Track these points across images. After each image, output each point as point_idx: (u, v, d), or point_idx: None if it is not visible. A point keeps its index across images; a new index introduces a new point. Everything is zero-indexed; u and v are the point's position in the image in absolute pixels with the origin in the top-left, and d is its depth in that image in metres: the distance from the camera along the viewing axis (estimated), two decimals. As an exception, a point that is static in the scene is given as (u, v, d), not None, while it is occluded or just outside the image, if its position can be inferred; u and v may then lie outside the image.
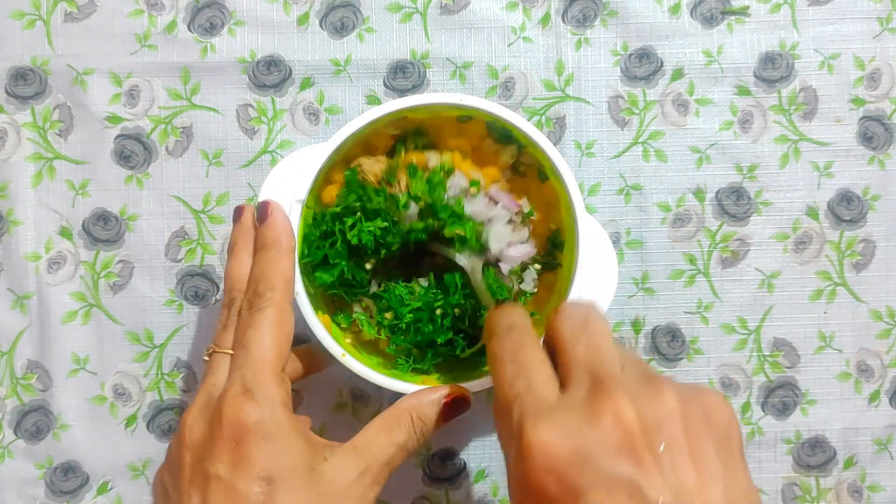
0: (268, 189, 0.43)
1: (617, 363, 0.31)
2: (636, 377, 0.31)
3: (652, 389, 0.30)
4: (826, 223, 0.52)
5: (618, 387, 0.29)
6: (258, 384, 0.35)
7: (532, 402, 0.31)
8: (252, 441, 0.34)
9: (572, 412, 0.29)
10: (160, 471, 0.38)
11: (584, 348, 0.32)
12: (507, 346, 0.34)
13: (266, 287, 0.38)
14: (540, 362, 0.33)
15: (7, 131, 0.52)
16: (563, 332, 0.33)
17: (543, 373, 0.32)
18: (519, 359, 0.33)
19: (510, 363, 0.33)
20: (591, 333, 0.32)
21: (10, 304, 0.52)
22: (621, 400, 0.29)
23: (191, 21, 0.52)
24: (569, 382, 0.31)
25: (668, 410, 0.29)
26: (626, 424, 0.28)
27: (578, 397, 0.30)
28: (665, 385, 0.30)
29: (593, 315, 0.33)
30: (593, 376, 0.30)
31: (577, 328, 0.33)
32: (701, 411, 0.30)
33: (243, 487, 0.33)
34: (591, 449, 0.28)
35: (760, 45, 0.52)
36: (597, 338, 0.32)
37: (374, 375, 0.42)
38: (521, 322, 0.35)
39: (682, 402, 0.29)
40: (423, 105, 0.43)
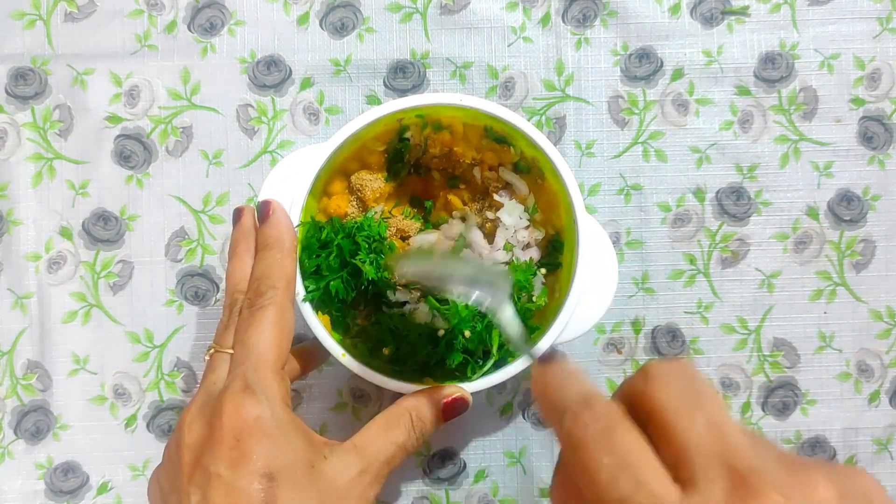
0: (268, 189, 0.43)
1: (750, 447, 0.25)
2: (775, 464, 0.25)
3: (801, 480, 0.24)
4: (826, 223, 0.52)
5: (767, 484, 0.24)
6: (259, 381, 0.35)
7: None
8: (253, 438, 0.34)
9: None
10: (156, 473, 0.37)
11: (703, 428, 0.25)
12: (592, 427, 0.26)
13: (268, 286, 0.38)
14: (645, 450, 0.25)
15: (7, 131, 0.52)
16: (666, 405, 0.26)
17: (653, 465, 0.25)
18: (616, 447, 0.25)
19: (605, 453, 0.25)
20: (708, 410, 0.26)
21: (10, 304, 0.52)
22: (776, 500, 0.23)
23: (191, 21, 0.52)
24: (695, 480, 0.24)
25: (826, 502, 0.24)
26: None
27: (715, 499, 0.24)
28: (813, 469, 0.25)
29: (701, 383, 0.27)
30: (730, 469, 0.24)
31: (683, 400, 0.26)
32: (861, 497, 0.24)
33: (245, 485, 0.33)
34: None
35: (760, 45, 0.52)
36: (716, 415, 0.25)
37: (374, 375, 0.42)
38: (597, 392, 0.28)
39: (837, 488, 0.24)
40: (423, 105, 0.43)
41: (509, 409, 0.52)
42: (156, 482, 0.37)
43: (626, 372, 0.52)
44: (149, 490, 0.37)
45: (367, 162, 0.46)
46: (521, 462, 0.52)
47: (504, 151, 0.46)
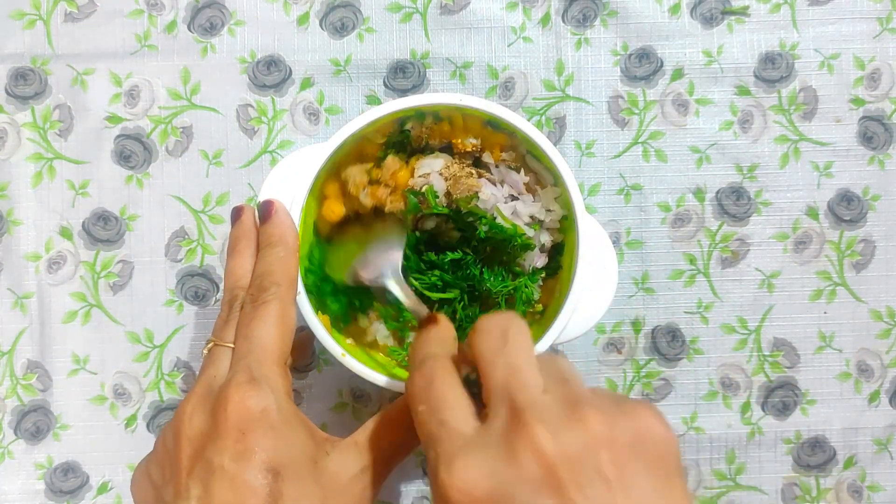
0: (268, 189, 0.43)
1: (537, 386, 0.29)
2: (558, 402, 0.28)
3: (574, 416, 0.27)
4: (826, 223, 0.52)
5: (535, 417, 0.27)
6: (264, 373, 0.35)
7: (446, 439, 0.28)
8: (259, 431, 0.33)
9: (489, 448, 0.27)
10: (145, 465, 0.36)
11: (501, 371, 0.29)
12: (419, 381, 0.31)
13: (271, 282, 0.38)
14: (453, 393, 0.30)
15: (7, 131, 0.52)
16: (481, 351, 0.30)
17: (457, 405, 0.30)
18: (430, 394, 0.30)
19: (422, 402, 0.30)
20: (510, 352, 0.29)
21: (10, 304, 0.52)
22: (539, 432, 0.27)
23: (191, 21, 0.52)
24: (489, 411, 0.29)
25: (593, 438, 0.27)
26: (547, 460, 0.26)
27: (496, 430, 0.28)
28: (589, 409, 0.28)
29: (513, 329, 0.30)
30: (510, 405, 0.28)
31: (494, 347, 0.30)
32: (631, 434, 0.27)
33: (249, 478, 0.32)
34: (511, 487, 0.26)
35: (760, 45, 0.52)
36: (515, 357, 0.29)
37: (374, 375, 0.42)
38: (435, 351, 0.32)
39: (608, 425, 0.27)
40: (423, 105, 0.43)
41: (509, 409, 0.52)
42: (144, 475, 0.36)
43: (625, 372, 0.52)
44: (134, 482, 0.36)
45: (366, 153, 0.46)
46: (521, 462, 0.52)
47: (507, 139, 0.45)
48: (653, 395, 0.52)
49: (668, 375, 0.52)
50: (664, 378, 0.52)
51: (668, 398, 0.52)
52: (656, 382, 0.52)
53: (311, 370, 0.52)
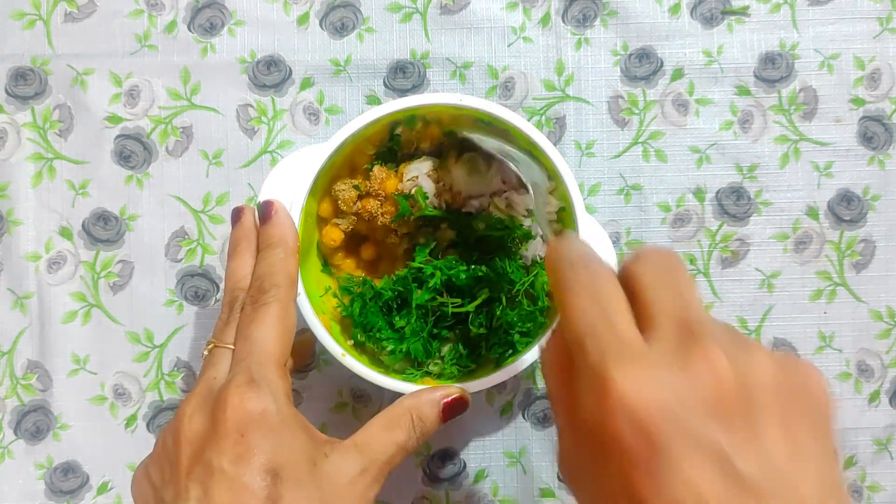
0: (268, 189, 0.43)
1: (706, 314, 0.28)
2: (728, 333, 0.28)
3: (745, 347, 0.27)
4: (826, 223, 0.52)
5: (712, 338, 0.26)
6: (264, 375, 0.35)
7: (616, 342, 0.27)
8: (258, 433, 0.33)
9: (663, 360, 0.26)
10: (144, 466, 0.36)
11: (670, 295, 0.28)
12: (583, 277, 0.30)
13: (271, 284, 0.38)
14: (622, 300, 0.29)
15: (7, 131, 0.52)
16: (646, 276, 0.29)
17: (626, 312, 0.29)
18: (599, 291, 0.29)
19: (588, 294, 0.29)
20: (678, 281, 0.29)
21: (10, 304, 0.52)
22: (716, 352, 0.26)
23: (191, 21, 0.52)
24: (654, 331, 0.28)
25: (763, 371, 0.26)
26: (721, 377, 0.25)
27: (669, 346, 0.27)
28: (756, 346, 0.27)
29: (678, 264, 0.30)
30: (683, 325, 0.27)
31: (661, 273, 0.29)
32: (798, 381, 0.27)
33: (248, 481, 0.32)
34: (681, 403, 0.25)
35: (760, 45, 0.52)
36: (683, 287, 0.29)
37: (374, 375, 0.42)
38: (597, 257, 0.31)
39: (778, 367, 0.27)
40: (423, 105, 0.43)
41: (509, 409, 0.52)
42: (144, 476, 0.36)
43: (626, 372, 0.52)
44: (134, 483, 0.36)
45: (357, 165, 0.46)
46: (521, 462, 0.52)
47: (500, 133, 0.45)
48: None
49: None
50: (664, 378, 0.52)
51: (668, 398, 0.52)
52: (656, 382, 0.52)
53: (311, 370, 0.52)
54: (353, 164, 0.46)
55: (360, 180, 0.45)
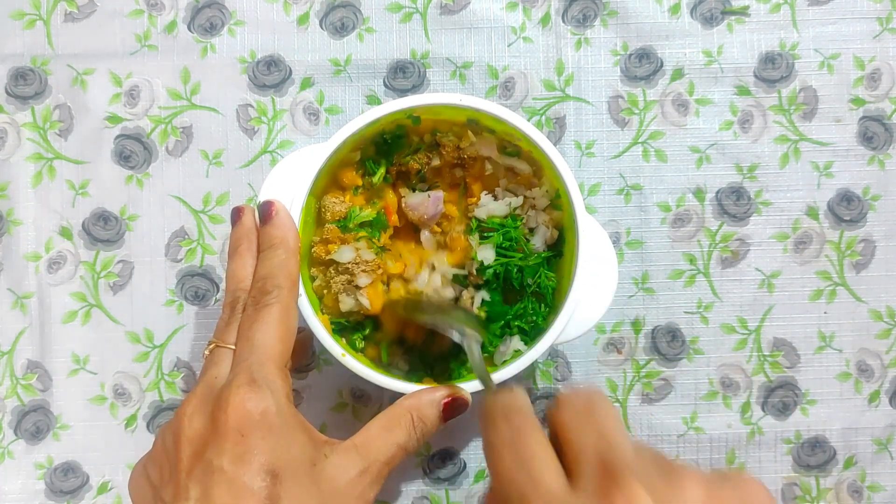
0: (268, 189, 0.43)
1: (629, 450, 0.28)
2: (652, 466, 0.27)
3: (671, 477, 0.27)
4: (826, 223, 0.52)
5: (632, 476, 0.26)
6: (265, 376, 0.35)
7: (537, 496, 0.28)
8: (258, 433, 0.33)
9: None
10: (143, 464, 0.36)
11: (591, 436, 0.29)
12: (506, 433, 0.30)
13: (273, 285, 0.38)
14: (543, 451, 0.29)
15: (7, 131, 0.52)
16: (567, 420, 0.30)
17: (548, 463, 0.29)
18: (520, 448, 0.30)
19: (509, 453, 0.30)
20: (599, 419, 0.29)
21: (10, 304, 0.52)
22: (636, 490, 0.26)
23: (191, 21, 0.52)
24: (577, 474, 0.28)
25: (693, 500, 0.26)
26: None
27: (588, 489, 0.27)
28: (687, 474, 0.27)
29: (598, 400, 0.30)
30: (603, 465, 0.27)
31: (581, 415, 0.30)
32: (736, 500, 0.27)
33: (248, 481, 0.32)
34: None
35: (760, 45, 0.52)
36: (605, 424, 0.29)
37: (374, 375, 0.42)
38: (522, 406, 0.32)
39: (708, 491, 0.26)
40: (422, 105, 0.43)
41: (509, 409, 0.52)
42: (142, 475, 0.36)
43: (626, 372, 0.52)
44: (132, 481, 0.36)
45: (341, 182, 0.46)
46: (521, 462, 0.52)
47: (487, 138, 0.45)
48: (653, 394, 0.52)
49: (668, 375, 0.52)
50: (664, 378, 0.52)
51: (667, 398, 0.52)
52: (656, 382, 0.52)
53: (311, 370, 0.52)
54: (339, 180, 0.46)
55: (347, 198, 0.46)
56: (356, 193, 0.46)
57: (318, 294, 0.45)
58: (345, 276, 0.44)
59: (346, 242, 0.44)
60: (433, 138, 0.46)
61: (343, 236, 0.44)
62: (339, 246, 0.44)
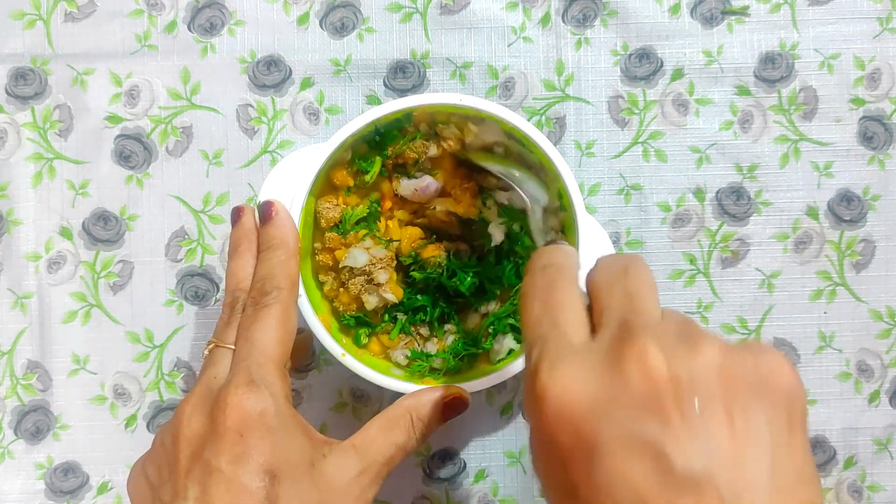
0: (268, 189, 0.43)
1: (654, 312, 0.28)
2: (675, 330, 0.27)
3: (690, 341, 0.26)
4: (826, 223, 0.52)
5: (647, 333, 0.26)
6: (263, 376, 0.35)
7: (553, 342, 0.27)
8: (256, 433, 0.33)
9: (594, 358, 0.26)
10: (141, 464, 0.36)
11: (618, 295, 0.28)
12: (539, 283, 0.31)
13: (272, 286, 0.38)
14: (571, 303, 0.29)
15: (7, 131, 0.52)
16: (599, 279, 0.30)
17: (573, 313, 0.29)
18: (549, 297, 0.30)
19: (538, 301, 0.30)
20: (630, 280, 0.29)
21: (10, 304, 0.52)
22: (649, 347, 0.25)
23: (191, 21, 0.52)
24: (598, 329, 0.28)
25: (707, 364, 0.25)
26: (653, 374, 0.25)
27: (604, 342, 0.27)
28: (706, 338, 0.26)
29: (635, 264, 0.30)
30: (622, 322, 0.27)
31: (613, 275, 0.29)
32: (752, 370, 0.25)
33: (246, 481, 0.32)
34: (611, 400, 0.25)
35: (760, 45, 0.52)
36: (634, 285, 0.29)
37: (374, 375, 0.42)
38: (560, 262, 0.32)
39: (726, 356, 0.25)
40: (422, 105, 0.43)
41: (509, 409, 0.52)
42: (141, 474, 0.36)
43: (626, 372, 0.52)
44: (131, 481, 0.36)
45: (334, 183, 0.45)
46: (521, 462, 0.52)
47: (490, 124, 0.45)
48: (653, 395, 0.52)
49: (668, 375, 0.52)
50: (664, 378, 0.52)
51: (668, 398, 0.52)
52: (656, 382, 0.52)
53: (311, 370, 0.52)
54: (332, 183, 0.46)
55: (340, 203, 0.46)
56: (348, 194, 0.45)
57: (331, 297, 0.45)
58: (362, 276, 0.44)
59: (349, 246, 0.44)
60: (430, 128, 0.46)
61: (345, 241, 0.44)
62: (347, 251, 0.44)
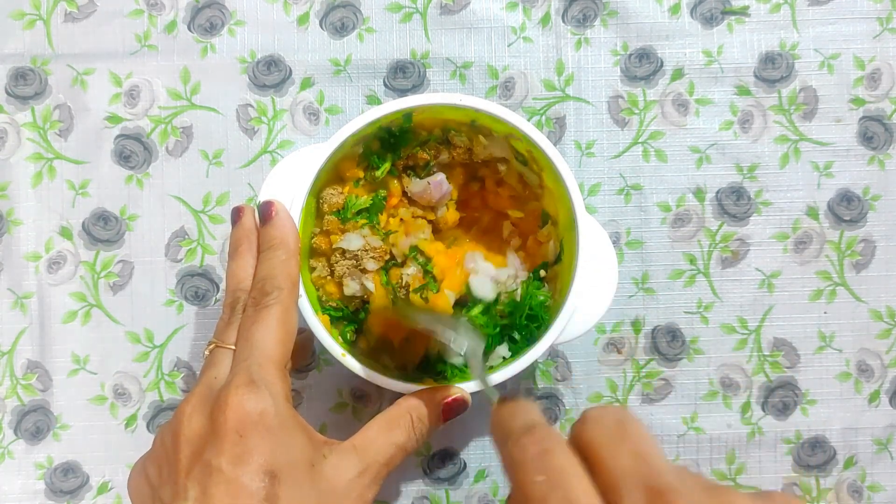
0: (268, 189, 0.43)
1: (673, 472, 0.26)
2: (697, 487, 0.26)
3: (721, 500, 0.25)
4: (826, 223, 0.52)
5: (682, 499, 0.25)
6: (263, 376, 0.35)
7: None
8: (256, 434, 0.33)
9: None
10: (142, 464, 0.36)
11: (628, 457, 0.27)
12: (531, 449, 0.28)
13: (273, 286, 0.38)
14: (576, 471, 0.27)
15: (7, 131, 0.52)
16: (598, 440, 0.28)
17: (584, 485, 0.27)
18: (550, 467, 0.27)
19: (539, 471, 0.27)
20: (634, 440, 0.27)
21: (10, 304, 0.52)
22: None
23: (191, 21, 0.52)
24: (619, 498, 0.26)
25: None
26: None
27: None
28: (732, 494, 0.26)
29: (629, 419, 0.29)
30: (651, 490, 0.25)
31: (614, 434, 0.28)
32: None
33: (246, 481, 0.32)
34: None
35: (760, 45, 0.52)
36: (641, 445, 0.27)
37: (374, 375, 0.42)
38: (540, 419, 0.30)
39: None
40: (422, 105, 0.43)
41: (509, 409, 0.52)
42: (141, 474, 0.36)
43: (626, 372, 0.52)
44: (131, 481, 0.37)
45: (343, 175, 0.46)
46: (521, 462, 0.52)
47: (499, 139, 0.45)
48: (653, 394, 0.52)
49: (668, 375, 0.52)
50: (664, 378, 0.52)
51: (668, 398, 0.52)
52: (656, 382, 0.52)
53: (311, 370, 0.52)
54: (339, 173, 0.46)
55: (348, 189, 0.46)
56: (357, 186, 0.46)
57: (318, 284, 0.45)
58: (351, 261, 0.44)
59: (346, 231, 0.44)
60: (443, 134, 0.46)
61: (343, 227, 0.44)
62: (342, 235, 0.44)
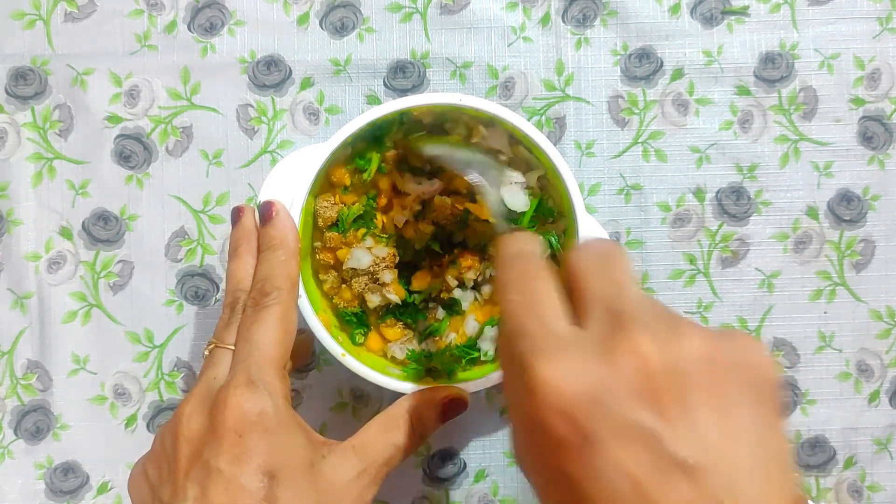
0: (268, 189, 0.43)
1: (639, 300, 0.28)
2: (659, 317, 0.27)
3: (677, 330, 0.27)
4: (826, 223, 0.52)
5: (639, 324, 0.26)
6: (263, 377, 0.35)
7: (541, 335, 0.28)
8: (255, 434, 0.33)
9: (587, 349, 0.26)
10: (142, 464, 0.37)
11: (602, 283, 0.29)
12: (514, 273, 0.31)
13: (273, 286, 0.38)
14: (550, 293, 0.29)
15: (7, 131, 0.52)
16: (581, 266, 0.30)
17: (554, 304, 0.29)
18: (527, 288, 0.30)
19: (517, 292, 0.30)
20: (612, 269, 0.29)
21: (10, 304, 0.52)
22: (642, 338, 0.26)
23: (191, 21, 0.52)
24: (584, 318, 0.28)
25: (695, 353, 0.26)
26: (648, 366, 0.25)
27: (594, 334, 0.27)
28: (691, 326, 0.27)
29: (615, 251, 0.30)
30: (611, 312, 0.27)
31: (596, 263, 0.30)
32: (733, 356, 0.26)
33: (245, 482, 0.32)
34: (606, 391, 0.25)
35: (760, 45, 0.52)
36: (617, 274, 0.29)
37: (374, 375, 0.42)
38: (532, 249, 0.32)
39: (711, 344, 0.26)
40: (422, 105, 0.43)
41: (509, 409, 0.52)
42: (141, 474, 0.36)
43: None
44: (131, 481, 0.37)
45: (332, 181, 0.45)
46: (520, 462, 0.52)
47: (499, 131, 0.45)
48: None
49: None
50: (664, 378, 0.52)
51: (667, 398, 0.52)
52: (656, 382, 0.52)
53: (311, 370, 0.52)
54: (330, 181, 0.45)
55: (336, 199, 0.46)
56: (345, 192, 0.45)
57: (331, 294, 0.45)
58: (365, 277, 0.44)
59: (350, 245, 0.44)
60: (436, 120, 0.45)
61: (345, 240, 0.44)
62: (349, 251, 0.44)
